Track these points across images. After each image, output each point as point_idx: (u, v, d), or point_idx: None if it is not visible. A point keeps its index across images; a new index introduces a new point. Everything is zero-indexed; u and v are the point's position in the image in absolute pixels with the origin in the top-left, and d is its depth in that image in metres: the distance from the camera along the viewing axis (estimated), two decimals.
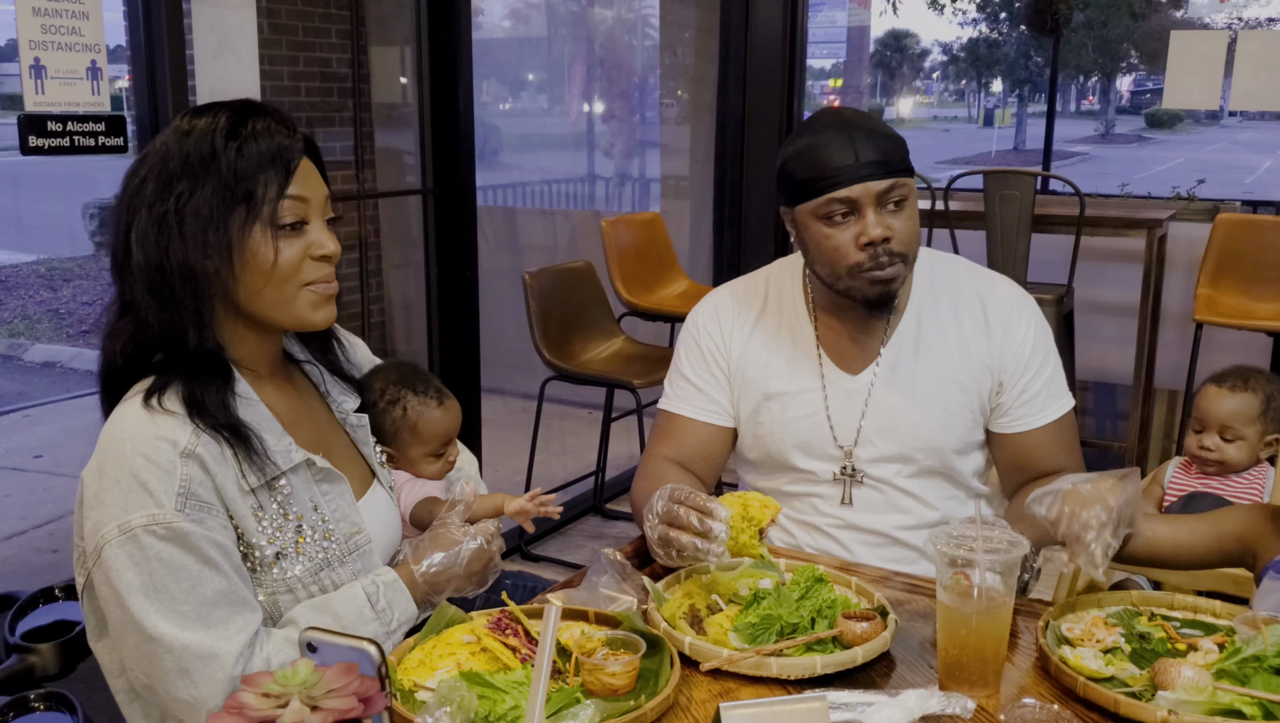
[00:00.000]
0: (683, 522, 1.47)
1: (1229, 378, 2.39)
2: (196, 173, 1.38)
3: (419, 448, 1.80)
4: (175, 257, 1.38)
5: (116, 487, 1.33)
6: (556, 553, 4.00)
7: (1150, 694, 1.26)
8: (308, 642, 1.08)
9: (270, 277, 1.41)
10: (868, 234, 1.70)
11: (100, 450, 1.38)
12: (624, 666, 1.26)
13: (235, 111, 1.42)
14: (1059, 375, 1.88)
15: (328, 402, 1.63)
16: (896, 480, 1.86)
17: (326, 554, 1.47)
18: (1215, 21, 5.15)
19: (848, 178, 1.69)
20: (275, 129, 1.42)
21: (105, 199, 12.17)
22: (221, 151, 1.38)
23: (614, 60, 7.52)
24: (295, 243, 1.42)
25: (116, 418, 1.39)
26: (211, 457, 1.37)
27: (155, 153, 1.42)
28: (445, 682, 1.20)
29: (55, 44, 2.35)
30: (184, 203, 1.38)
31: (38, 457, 5.53)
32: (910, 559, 1.86)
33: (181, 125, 1.42)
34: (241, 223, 1.39)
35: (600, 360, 3.97)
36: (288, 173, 1.41)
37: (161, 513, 1.32)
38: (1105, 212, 4.62)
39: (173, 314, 1.40)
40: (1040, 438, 1.86)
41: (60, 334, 8.89)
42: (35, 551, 4.28)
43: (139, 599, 1.32)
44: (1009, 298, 1.88)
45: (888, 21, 33.79)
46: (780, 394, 1.88)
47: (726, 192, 5.06)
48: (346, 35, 4.72)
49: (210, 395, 1.40)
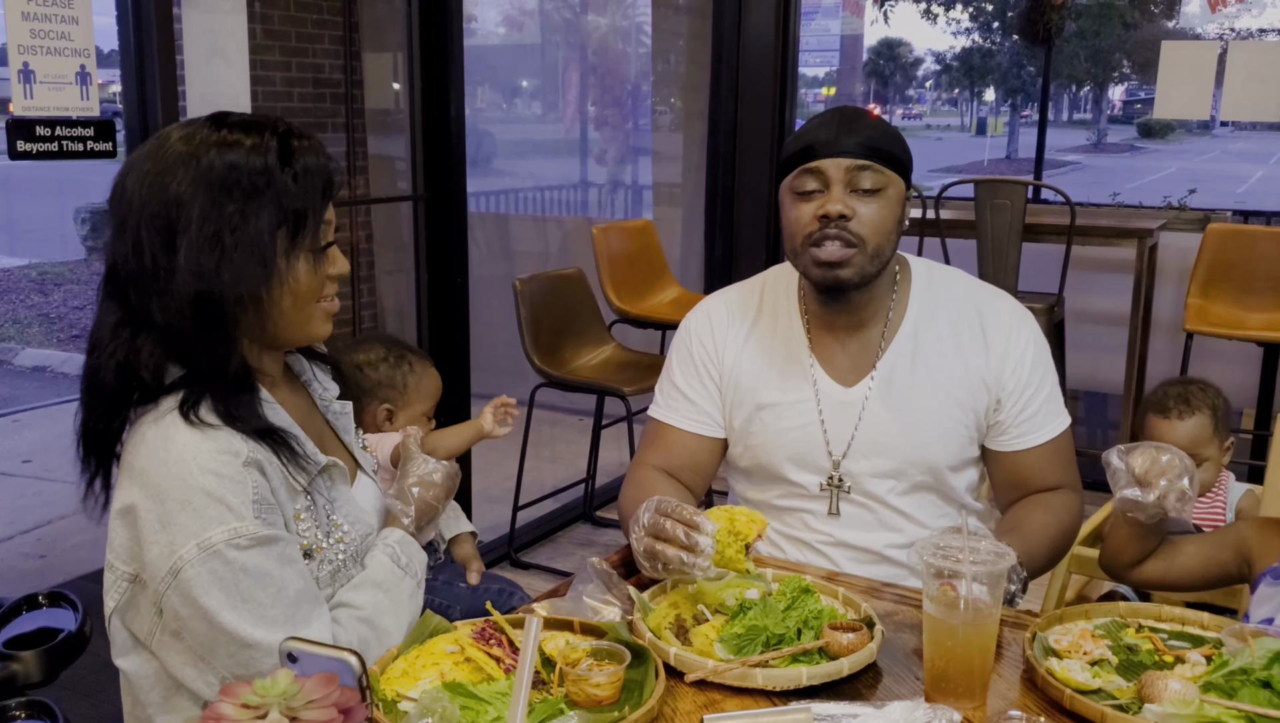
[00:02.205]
0: (669, 535, 1.46)
1: (1171, 405, 2.33)
2: (249, 194, 1.35)
3: (420, 405, 1.88)
4: (227, 279, 1.35)
5: (187, 508, 1.31)
6: (546, 561, 3.99)
7: (1137, 707, 1.26)
8: (288, 652, 1.07)
9: (299, 297, 1.42)
10: (826, 206, 1.71)
11: (154, 474, 1.33)
12: (608, 676, 1.26)
13: (280, 132, 1.40)
14: (1056, 393, 1.87)
15: (309, 391, 1.63)
16: (889, 498, 1.84)
17: (345, 556, 1.49)
18: (1207, 32, 5.16)
19: (822, 151, 1.71)
20: (314, 148, 1.41)
21: (97, 203, 12.13)
22: (277, 174, 1.36)
23: (607, 67, 7.53)
24: (321, 265, 1.44)
25: (162, 441, 1.34)
26: (267, 462, 1.39)
27: (186, 161, 1.35)
28: (428, 692, 1.20)
29: (44, 49, 2.34)
30: (236, 224, 1.35)
31: (26, 462, 5.51)
32: (900, 577, 1.83)
33: (214, 136, 1.37)
34: (287, 247, 1.38)
35: (591, 367, 3.97)
36: (328, 197, 1.42)
37: (243, 526, 1.32)
38: (1096, 221, 4.63)
39: (211, 333, 1.37)
40: (1038, 456, 1.84)
41: (51, 339, 8.87)
42: (23, 556, 4.26)
43: (229, 613, 1.32)
44: (1008, 315, 1.85)
45: (880, 30, 33.89)
46: (773, 405, 1.86)
47: (718, 199, 5.06)
48: (339, 41, 4.72)
49: (243, 406, 1.40)
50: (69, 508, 4.75)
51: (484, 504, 4.05)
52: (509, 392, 2.10)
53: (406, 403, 1.81)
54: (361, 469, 1.66)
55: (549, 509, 4.39)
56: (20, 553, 4.28)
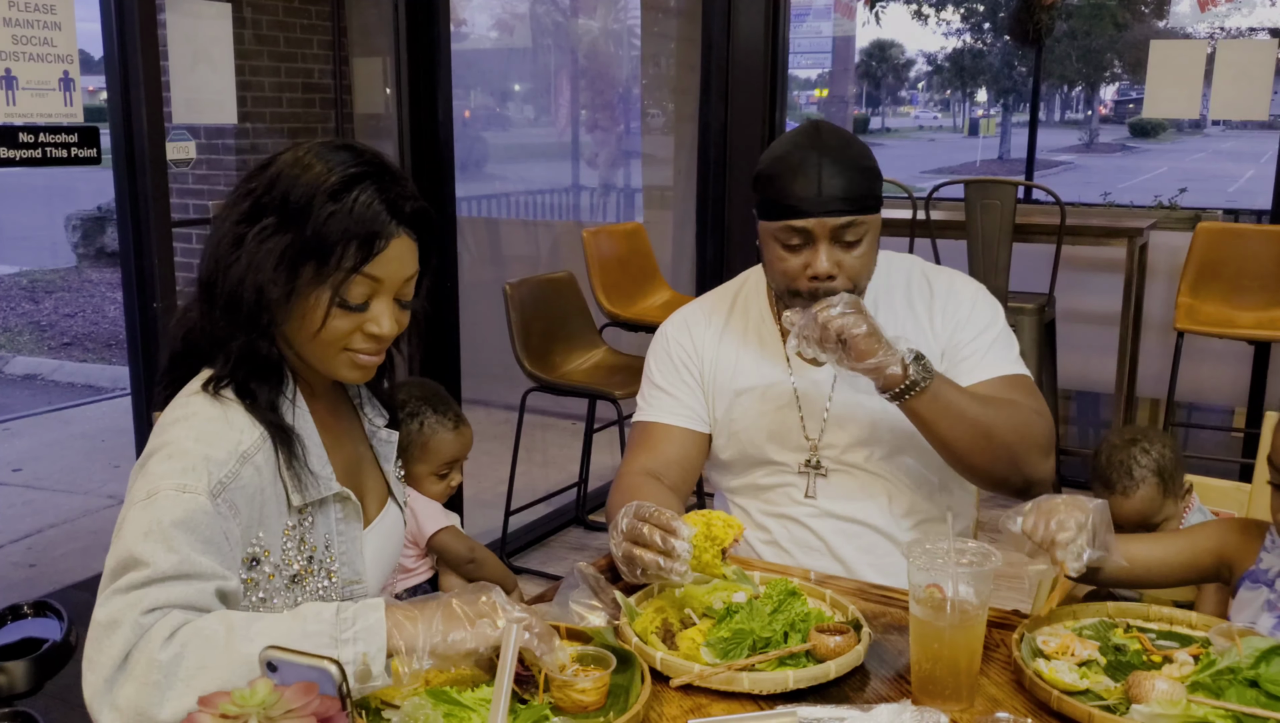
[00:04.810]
0: (646, 540, 1.47)
1: (1115, 478, 2.27)
2: (286, 216, 1.37)
3: (425, 465, 1.83)
4: (232, 277, 1.38)
5: (166, 460, 1.33)
6: (539, 565, 3.98)
7: (1125, 707, 1.26)
8: (268, 661, 1.06)
9: (314, 337, 1.40)
10: (815, 268, 1.73)
11: (159, 428, 1.39)
12: (594, 682, 1.25)
13: (351, 174, 1.39)
14: (1007, 343, 1.86)
15: (360, 414, 1.63)
16: (868, 465, 1.87)
17: (324, 594, 1.46)
18: (1197, 31, 5.16)
19: (807, 210, 1.71)
20: (378, 206, 1.38)
21: (87, 210, 12.13)
22: (316, 209, 1.36)
23: (597, 71, 7.53)
24: (352, 317, 1.40)
25: (181, 404, 1.40)
26: (267, 466, 1.38)
27: (270, 173, 1.41)
28: (411, 701, 1.19)
29: (27, 55, 2.33)
30: (263, 237, 1.37)
31: (16, 470, 5.49)
32: (885, 549, 1.86)
33: (304, 158, 1.41)
34: (309, 279, 1.37)
35: (582, 371, 3.96)
36: (370, 253, 1.37)
37: (192, 484, 1.30)
38: (1086, 221, 4.63)
39: (237, 318, 1.39)
40: (990, 389, 1.80)
41: (41, 346, 8.84)
42: (12, 565, 4.24)
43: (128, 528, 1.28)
44: (950, 276, 1.94)
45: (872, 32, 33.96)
46: (750, 389, 1.91)
47: (709, 202, 5.06)
48: (328, 46, 4.71)
49: (263, 392, 1.41)
50: (59, 517, 4.74)
51: (476, 509, 4.04)
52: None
53: (409, 461, 1.77)
54: (393, 497, 1.64)
55: (541, 514, 4.38)
56: (10, 563, 4.27)
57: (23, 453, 5.82)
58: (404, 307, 1.45)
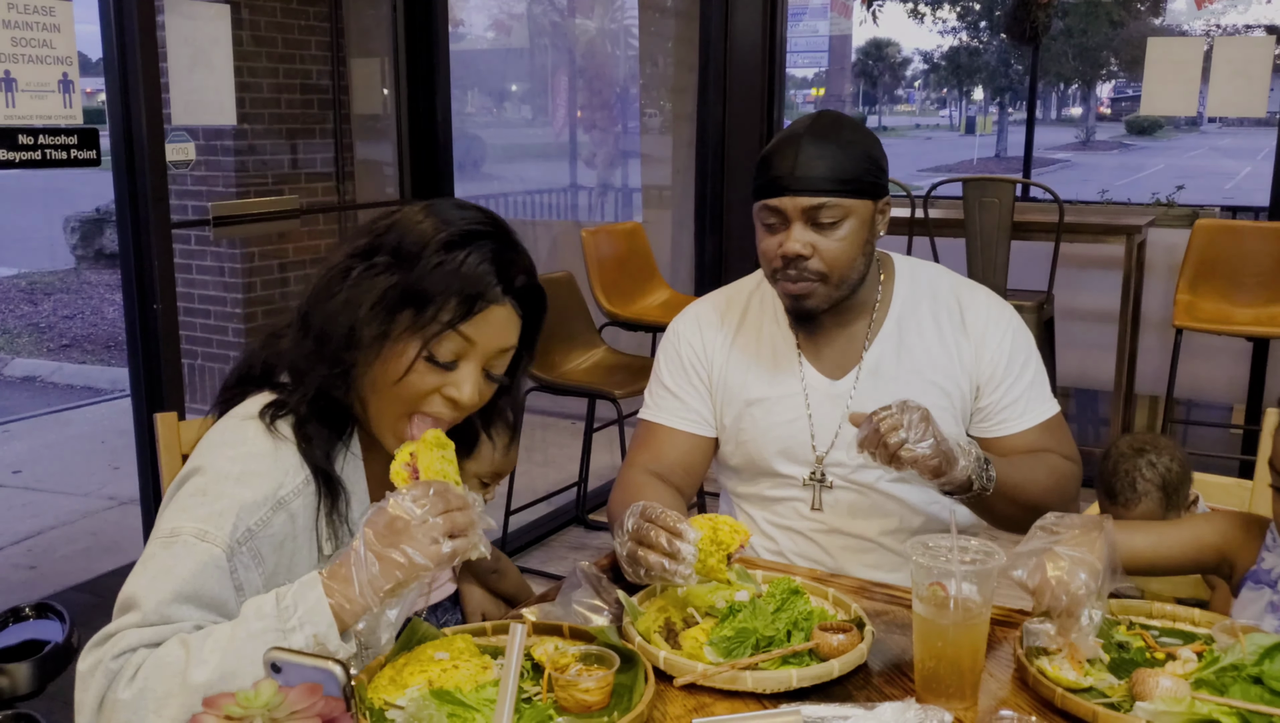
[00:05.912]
0: (651, 541, 1.46)
1: (1119, 489, 2.25)
2: (397, 258, 1.35)
3: (475, 465, 1.84)
4: (330, 307, 1.36)
5: (199, 495, 1.31)
6: (539, 565, 3.98)
7: (1129, 705, 1.25)
8: (272, 662, 1.06)
9: (393, 386, 1.36)
10: (785, 247, 1.73)
11: (204, 447, 1.37)
12: (597, 681, 1.25)
13: (470, 231, 1.37)
14: (1041, 381, 1.87)
15: None
16: (879, 485, 1.85)
17: None
18: (1193, 28, 5.17)
19: (779, 188, 1.72)
20: (488, 268, 1.36)
21: (86, 212, 12.11)
22: (426, 256, 1.34)
23: (595, 71, 7.53)
24: (437, 374, 1.36)
25: (233, 427, 1.37)
26: (304, 512, 1.35)
27: (395, 217, 1.40)
28: (415, 701, 1.19)
29: (26, 56, 2.33)
30: (371, 274, 1.35)
31: (16, 472, 5.48)
32: (893, 565, 1.84)
33: (430, 208, 1.40)
34: (403, 327, 1.34)
35: (581, 371, 3.96)
36: (469, 311, 1.34)
37: (214, 532, 1.28)
38: (1085, 218, 4.64)
39: (311, 350, 1.37)
40: (1026, 440, 1.84)
41: (40, 348, 8.83)
42: (12, 567, 4.23)
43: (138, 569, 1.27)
44: (986, 305, 1.88)
45: (869, 31, 33.96)
46: (762, 400, 1.88)
47: (708, 201, 5.06)
48: (327, 47, 4.72)
49: (320, 437, 1.38)
50: (59, 519, 4.73)
51: None
52: None
53: None
54: None
55: (541, 513, 4.38)
56: (10, 565, 4.26)
57: (22, 455, 5.82)
58: (491, 379, 1.40)
